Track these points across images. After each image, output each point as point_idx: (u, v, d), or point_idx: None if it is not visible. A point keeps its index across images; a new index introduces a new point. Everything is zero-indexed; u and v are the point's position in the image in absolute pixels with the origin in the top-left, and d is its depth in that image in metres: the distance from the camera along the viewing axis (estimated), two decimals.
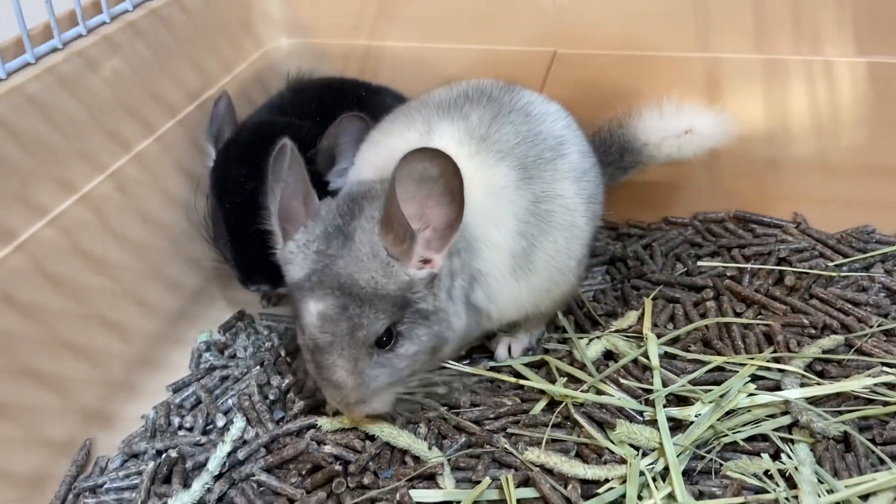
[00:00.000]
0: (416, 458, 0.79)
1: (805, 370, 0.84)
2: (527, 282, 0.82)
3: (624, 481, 0.74)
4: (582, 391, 0.85)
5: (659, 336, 0.92)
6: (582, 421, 0.81)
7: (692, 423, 0.79)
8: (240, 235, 0.91)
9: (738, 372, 0.84)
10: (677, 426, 0.80)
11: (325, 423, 0.83)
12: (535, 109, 0.86)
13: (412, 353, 0.74)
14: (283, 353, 0.97)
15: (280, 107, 1.05)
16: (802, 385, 0.82)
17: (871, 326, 0.90)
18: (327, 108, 1.01)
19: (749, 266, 1.00)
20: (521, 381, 0.88)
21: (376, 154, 0.83)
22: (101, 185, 0.85)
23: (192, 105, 0.99)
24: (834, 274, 0.98)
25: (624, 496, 0.73)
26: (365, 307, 0.70)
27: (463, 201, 0.69)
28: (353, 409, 0.75)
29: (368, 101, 1.04)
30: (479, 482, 0.75)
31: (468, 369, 0.89)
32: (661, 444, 0.77)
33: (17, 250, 0.76)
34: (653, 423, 0.80)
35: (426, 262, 0.73)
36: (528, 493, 0.74)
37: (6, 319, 0.74)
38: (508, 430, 0.82)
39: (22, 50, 0.77)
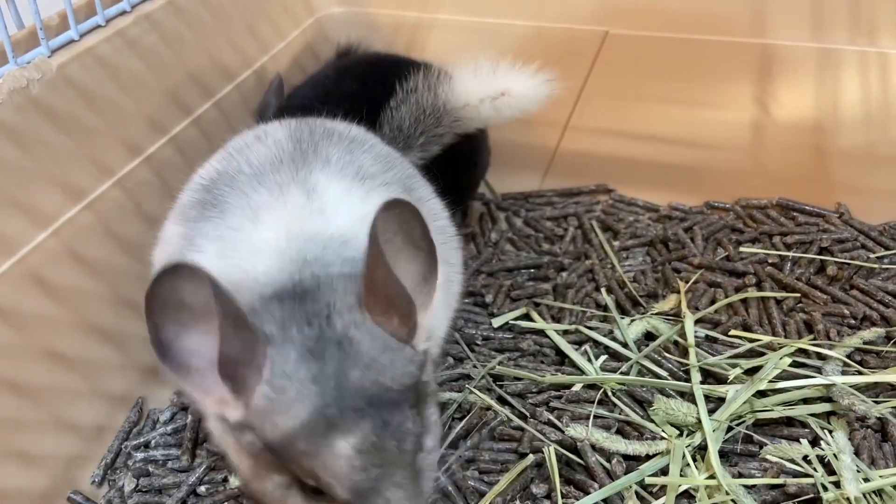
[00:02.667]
0: None
1: (847, 359, 0.86)
2: (449, 303, 0.80)
3: (664, 455, 0.77)
4: (622, 373, 0.87)
5: (700, 319, 0.93)
6: (620, 404, 0.83)
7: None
8: None
9: (778, 351, 0.86)
10: (715, 408, 0.82)
11: None
12: (354, 130, 0.80)
13: (436, 442, 0.60)
14: None
15: (322, 86, 1.05)
16: (843, 373, 0.84)
17: None
18: (369, 90, 1.02)
19: (791, 254, 1.01)
20: (567, 378, 0.90)
21: (266, 235, 0.64)
22: (161, 149, 0.87)
23: (248, 71, 1.00)
24: (875, 266, 0.99)
25: (664, 470, 0.75)
26: (403, 410, 0.55)
27: (433, 247, 0.58)
28: None
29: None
30: (525, 454, 0.78)
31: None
32: (698, 419, 0.79)
33: (87, 209, 0.78)
34: (691, 399, 0.82)
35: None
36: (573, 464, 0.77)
37: (77, 277, 0.77)
38: (552, 404, 0.84)
39: (65, 27, 0.78)
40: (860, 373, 0.84)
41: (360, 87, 1.03)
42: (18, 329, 0.72)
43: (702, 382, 0.84)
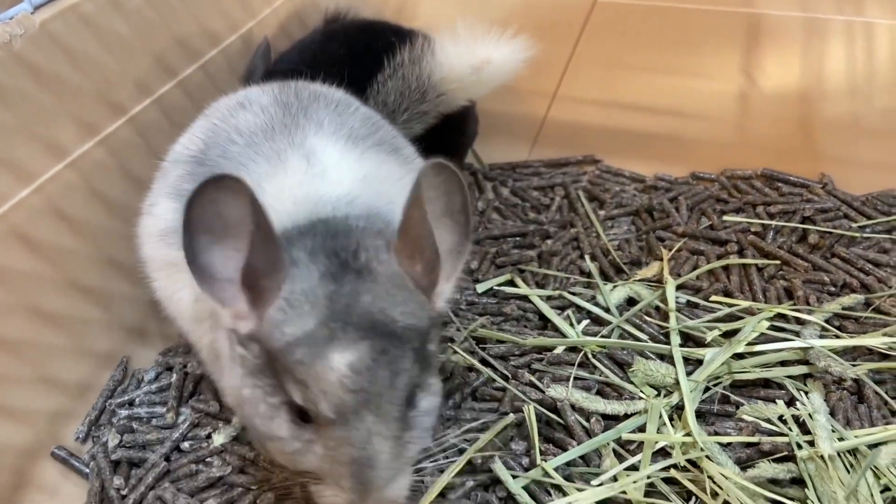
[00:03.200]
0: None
1: (825, 324, 0.87)
2: None
3: (642, 414, 0.78)
4: (602, 336, 0.88)
5: (682, 286, 0.94)
6: (600, 366, 0.84)
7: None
8: None
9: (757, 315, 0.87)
10: (694, 371, 0.83)
11: None
12: (336, 93, 0.80)
13: (433, 407, 0.61)
14: None
15: (310, 51, 1.05)
16: (821, 337, 0.85)
17: (891, 287, 0.92)
18: (355, 55, 1.02)
19: (773, 223, 1.02)
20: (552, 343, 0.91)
21: (269, 201, 0.61)
22: (146, 109, 0.87)
23: (235, 35, 1.00)
24: (857, 235, 1.00)
25: (641, 429, 0.76)
26: (405, 347, 0.56)
27: (470, 218, 0.60)
28: (378, 493, 0.56)
29: (397, 47, 1.04)
30: (506, 413, 0.79)
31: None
32: (676, 380, 0.80)
33: (70, 167, 0.78)
34: (670, 362, 0.83)
35: (440, 294, 0.61)
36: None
37: (60, 235, 0.77)
38: (533, 366, 0.85)
39: None
40: (838, 337, 0.85)
41: (347, 52, 1.03)
42: (2, 285, 0.72)
43: (681, 345, 0.85)
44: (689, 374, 0.81)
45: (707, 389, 0.80)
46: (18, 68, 0.73)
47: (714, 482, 0.71)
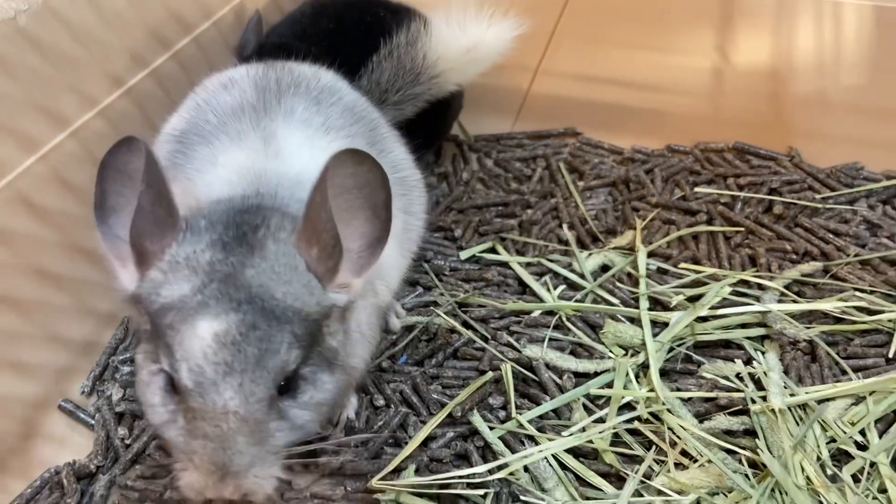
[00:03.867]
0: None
1: (784, 290, 0.92)
2: (408, 249, 0.84)
3: (610, 372, 0.84)
4: (577, 300, 0.93)
5: (653, 253, 1.00)
6: (574, 328, 0.90)
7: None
8: None
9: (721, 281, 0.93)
10: (660, 332, 0.89)
11: None
12: (324, 78, 0.81)
13: (316, 403, 0.59)
14: None
15: (300, 24, 1.08)
16: (779, 302, 0.91)
17: (849, 255, 0.98)
18: (345, 29, 1.05)
19: (742, 194, 1.08)
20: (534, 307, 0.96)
21: (216, 171, 0.69)
22: (142, 81, 0.91)
23: (227, 8, 1.04)
24: (819, 206, 1.05)
25: (610, 385, 0.82)
26: (282, 327, 0.55)
27: (390, 217, 0.59)
28: (234, 479, 0.54)
29: (387, 22, 1.08)
30: (485, 371, 0.85)
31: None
32: (643, 341, 0.86)
33: (72, 136, 0.82)
34: (639, 324, 0.89)
35: (343, 286, 0.60)
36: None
37: (63, 201, 0.82)
38: (512, 328, 0.91)
39: None
40: (795, 302, 0.91)
41: (337, 25, 1.06)
42: (10, 248, 0.77)
43: (649, 310, 0.91)
44: (655, 335, 0.87)
45: (672, 350, 0.86)
46: (23, 42, 0.77)
47: (673, 433, 0.77)
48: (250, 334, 0.54)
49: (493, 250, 1.03)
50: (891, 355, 0.85)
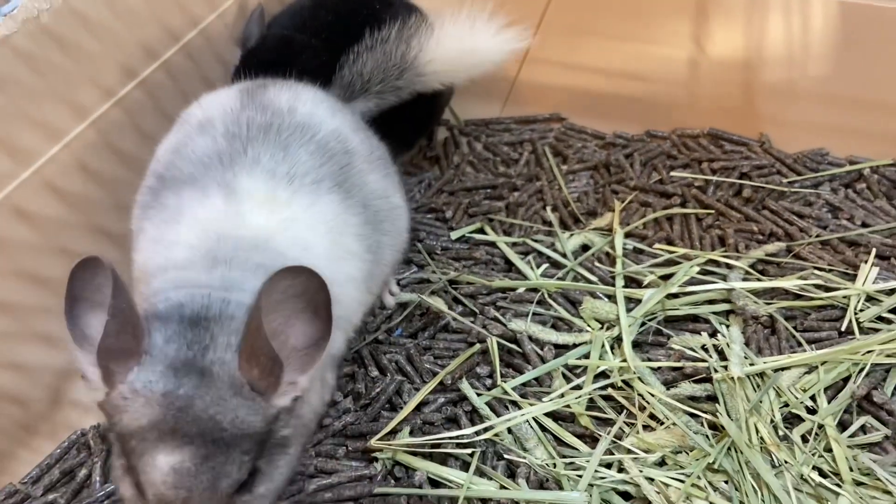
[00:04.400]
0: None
1: (749, 268, 1.01)
2: (379, 275, 0.86)
3: (588, 344, 0.92)
4: (559, 278, 1.01)
5: (630, 234, 1.08)
6: (555, 304, 0.97)
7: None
8: None
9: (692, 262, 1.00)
10: (633, 308, 0.97)
11: None
12: (300, 112, 0.80)
13: (273, 490, 0.65)
14: None
15: (300, 16, 1.14)
16: (744, 279, 0.99)
17: (811, 236, 1.06)
18: (342, 22, 1.11)
19: (714, 178, 1.15)
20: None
21: (180, 230, 0.71)
22: (154, 73, 0.97)
23: (231, 0, 1.09)
24: (786, 189, 1.13)
25: (586, 356, 0.90)
26: (231, 453, 0.60)
27: (330, 317, 0.62)
28: None
29: (381, 14, 1.14)
30: (473, 343, 0.92)
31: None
32: (618, 316, 0.94)
33: (91, 126, 0.89)
34: (615, 300, 0.97)
35: (289, 386, 0.63)
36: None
37: (85, 186, 0.89)
38: (499, 304, 0.99)
39: None
40: (759, 280, 0.99)
41: (335, 18, 1.12)
42: (39, 230, 0.84)
43: (624, 287, 0.98)
44: (629, 310, 0.95)
45: (644, 324, 0.94)
46: (45, 39, 0.83)
47: (643, 399, 0.85)
48: (203, 465, 0.58)
49: (481, 231, 1.10)
50: (843, 329, 0.93)
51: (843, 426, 0.84)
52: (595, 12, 1.21)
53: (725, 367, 0.88)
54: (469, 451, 0.81)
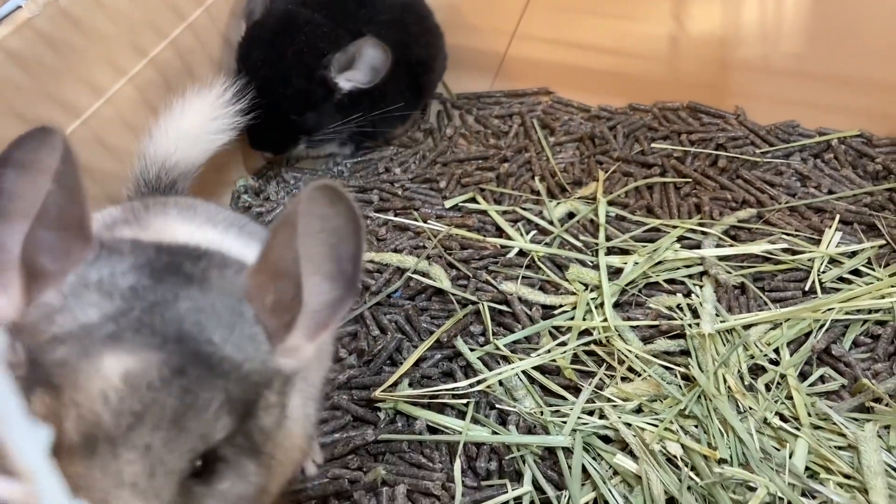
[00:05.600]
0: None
1: (723, 234, 1.08)
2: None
3: (573, 307, 0.99)
4: (545, 244, 1.08)
5: (613, 202, 1.15)
6: (544, 267, 1.05)
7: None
8: (251, 107, 1.02)
9: (670, 233, 1.08)
10: (618, 272, 1.04)
11: None
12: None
13: (235, 496, 0.46)
14: None
15: None
16: (718, 245, 1.07)
17: (780, 203, 1.13)
18: (342, 2, 1.16)
19: (692, 150, 1.22)
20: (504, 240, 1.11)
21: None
22: (163, 51, 1.03)
23: None
24: (759, 160, 1.20)
25: (572, 317, 0.98)
26: (215, 382, 0.43)
27: (357, 273, 0.47)
28: None
29: None
30: (466, 304, 1.00)
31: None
32: (601, 283, 1.01)
33: (107, 102, 0.95)
34: (598, 267, 1.04)
35: (292, 350, 0.49)
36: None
37: (102, 161, 0.95)
38: (490, 268, 1.06)
39: None
40: (732, 245, 1.06)
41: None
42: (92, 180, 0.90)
43: (607, 254, 1.06)
44: (612, 275, 1.03)
45: (624, 291, 1.02)
46: (64, 21, 0.88)
47: (622, 354, 0.93)
48: (173, 381, 0.41)
49: (473, 200, 1.17)
50: (807, 289, 1.01)
51: (803, 377, 0.92)
52: None
53: (698, 325, 0.96)
54: (464, 401, 0.89)
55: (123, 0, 0.96)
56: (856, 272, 1.03)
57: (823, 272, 1.02)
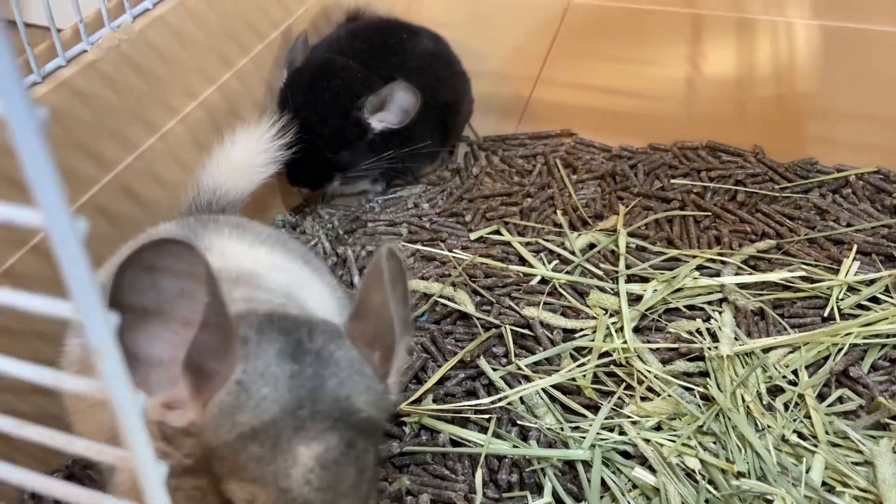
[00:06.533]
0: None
1: (742, 264, 1.11)
2: None
3: (594, 331, 1.03)
4: (567, 272, 1.13)
5: (633, 234, 1.19)
6: (566, 294, 1.09)
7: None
8: (291, 146, 1.09)
9: (689, 262, 1.11)
10: (638, 299, 1.08)
11: None
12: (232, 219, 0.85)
13: None
14: (340, 231, 1.25)
15: (337, 44, 1.29)
16: (736, 274, 1.10)
17: (799, 235, 1.16)
18: (374, 49, 1.26)
19: (711, 185, 1.26)
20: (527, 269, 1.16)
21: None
22: (211, 95, 1.12)
23: (276, 32, 1.24)
24: (777, 194, 1.24)
25: (592, 340, 1.01)
26: (370, 440, 0.52)
27: (409, 312, 0.59)
28: None
29: (407, 43, 1.29)
30: (489, 328, 1.04)
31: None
32: (621, 308, 1.05)
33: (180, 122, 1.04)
34: (618, 294, 1.08)
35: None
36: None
37: (154, 192, 1.03)
38: (513, 295, 1.10)
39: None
40: (751, 273, 1.09)
41: (368, 45, 1.27)
42: (117, 228, 0.98)
43: (627, 282, 1.09)
44: (633, 302, 1.06)
45: (644, 316, 1.05)
46: (124, 65, 0.97)
47: (642, 374, 0.96)
48: (349, 453, 0.49)
49: (497, 232, 1.22)
50: (826, 315, 1.03)
51: (822, 398, 0.94)
52: (601, 38, 1.34)
53: (716, 348, 0.98)
54: (486, 416, 0.92)
55: (178, 48, 1.05)
56: (874, 300, 1.05)
57: (842, 299, 1.04)
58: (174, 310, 0.46)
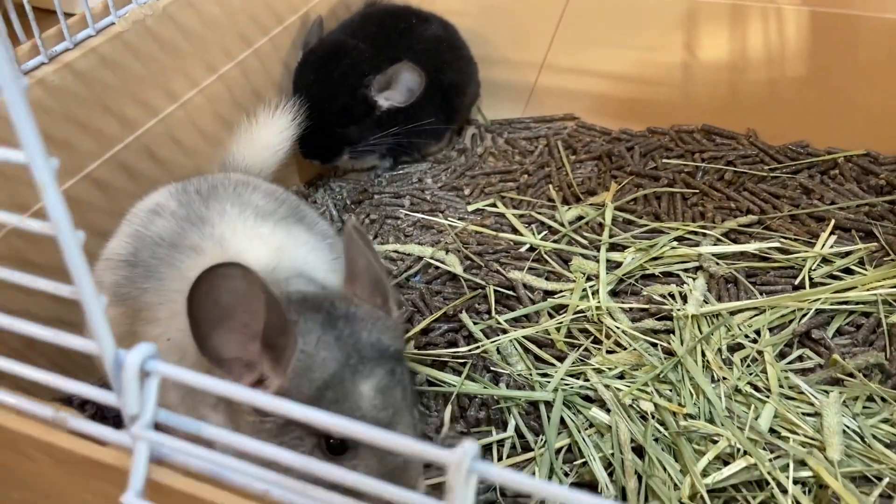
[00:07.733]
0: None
1: (722, 237, 1.16)
2: None
3: (572, 292, 1.09)
4: (554, 240, 1.19)
5: (621, 209, 1.25)
6: (550, 260, 1.16)
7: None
8: (304, 121, 1.20)
9: (670, 234, 1.17)
10: (618, 266, 1.13)
11: None
12: (233, 177, 0.93)
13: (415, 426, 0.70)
14: (348, 201, 1.35)
15: (350, 28, 1.39)
16: (714, 245, 1.15)
17: (782, 212, 1.20)
18: (385, 33, 1.36)
19: (703, 165, 1.31)
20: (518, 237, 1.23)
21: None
22: (230, 70, 1.23)
23: (295, 16, 1.35)
24: (766, 174, 1.28)
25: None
26: (403, 367, 0.69)
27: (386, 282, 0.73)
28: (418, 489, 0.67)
29: (416, 28, 1.38)
30: (476, 289, 1.11)
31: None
32: (600, 272, 1.11)
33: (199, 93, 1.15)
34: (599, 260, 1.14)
35: None
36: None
37: (174, 155, 1.14)
38: (501, 261, 1.17)
39: None
40: (728, 244, 1.14)
41: (379, 29, 1.36)
42: (139, 185, 1.08)
43: (611, 250, 1.15)
44: (613, 269, 1.12)
45: (622, 280, 1.11)
46: (149, 38, 1.09)
47: (611, 330, 1.02)
48: (393, 378, 0.66)
49: (493, 205, 1.30)
50: (797, 283, 1.07)
51: (782, 357, 0.98)
52: (601, 26, 1.41)
53: (684, 308, 1.04)
54: (462, 361, 0.99)
55: (200, 26, 1.16)
56: (848, 271, 1.09)
57: (814, 270, 1.08)
58: (235, 316, 0.62)
